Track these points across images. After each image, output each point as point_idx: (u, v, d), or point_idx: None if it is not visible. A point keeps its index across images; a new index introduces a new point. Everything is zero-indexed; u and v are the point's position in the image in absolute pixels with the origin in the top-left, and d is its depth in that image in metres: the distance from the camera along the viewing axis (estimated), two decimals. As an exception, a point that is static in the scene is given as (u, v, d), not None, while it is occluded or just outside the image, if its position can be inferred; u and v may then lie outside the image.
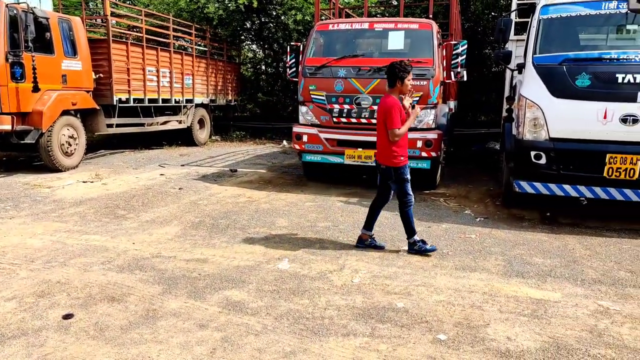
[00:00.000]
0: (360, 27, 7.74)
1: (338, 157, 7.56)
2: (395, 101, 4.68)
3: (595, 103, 5.44)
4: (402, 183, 4.83)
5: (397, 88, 4.70)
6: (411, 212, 4.87)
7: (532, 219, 6.24)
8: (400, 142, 4.74)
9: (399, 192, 4.87)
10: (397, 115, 4.62)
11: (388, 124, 4.64)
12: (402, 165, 4.77)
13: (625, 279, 4.30)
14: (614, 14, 5.64)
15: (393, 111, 4.61)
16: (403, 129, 4.68)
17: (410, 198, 4.85)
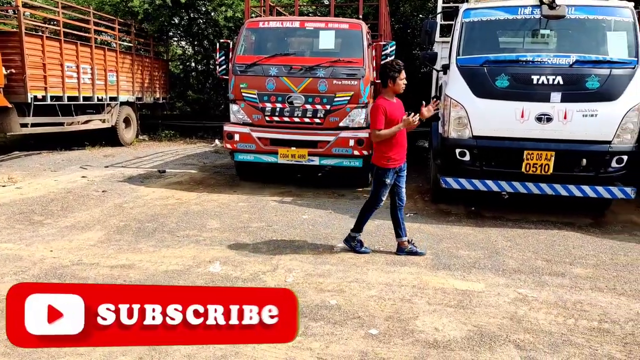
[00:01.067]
0: (291, 26, 7.74)
1: (271, 156, 7.51)
2: (381, 102, 4.62)
3: (514, 103, 5.75)
4: (378, 185, 4.77)
5: (390, 88, 4.65)
6: (370, 215, 4.90)
7: (458, 214, 6.50)
8: (392, 144, 4.63)
9: (372, 191, 4.87)
10: (380, 116, 4.55)
11: (371, 124, 4.68)
12: (383, 167, 4.68)
13: (542, 267, 4.58)
14: (530, 19, 5.98)
15: (374, 112, 4.60)
16: (386, 131, 4.55)
17: (379, 204, 4.82)
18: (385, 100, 4.66)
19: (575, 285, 4.17)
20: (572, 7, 5.82)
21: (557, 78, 5.64)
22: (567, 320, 3.55)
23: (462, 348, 3.13)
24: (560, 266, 4.63)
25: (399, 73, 4.59)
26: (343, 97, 7.17)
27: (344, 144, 7.20)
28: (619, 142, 5.68)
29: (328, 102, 7.20)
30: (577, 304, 3.80)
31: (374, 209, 4.86)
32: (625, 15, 5.84)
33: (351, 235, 4.94)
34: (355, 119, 7.27)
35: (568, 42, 6.05)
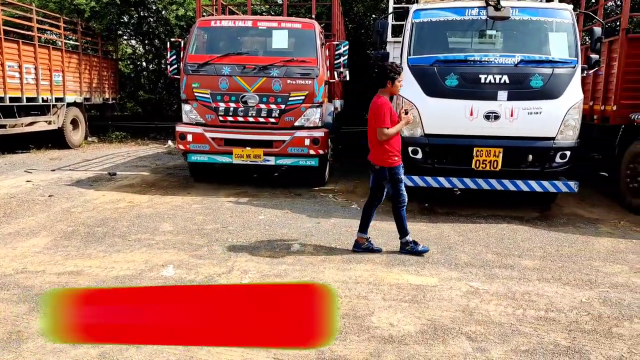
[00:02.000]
0: (243, 25, 7.66)
1: (226, 156, 7.41)
2: (385, 101, 4.71)
3: (463, 101, 5.92)
4: (396, 183, 4.80)
5: (388, 89, 4.73)
6: (404, 212, 4.87)
7: (412, 210, 6.61)
8: (393, 142, 4.73)
9: (393, 193, 4.85)
10: (387, 115, 4.63)
11: (377, 122, 4.66)
12: (396, 165, 4.75)
13: (492, 260, 4.73)
14: (477, 20, 6.16)
15: (382, 110, 4.63)
16: (393, 129, 4.66)
17: (404, 198, 4.84)
18: (385, 100, 4.76)
19: (524, 277, 4.32)
20: (516, 9, 6.04)
21: (503, 77, 5.84)
22: (516, 310, 3.67)
23: (417, 342, 3.19)
24: (510, 259, 4.79)
25: (399, 75, 4.70)
26: (298, 97, 7.17)
27: (300, 144, 7.20)
28: (562, 138, 5.94)
29: (282, 101, 7.18)
30: (525, 295, 3.95)
31: (404, 206, 4.87)
32: (565, 17, 6.11)
33: (402, 242, 4.89)
34: (311, 118, 7.28)
35: (513, 43, 6.27)
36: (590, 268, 4.58)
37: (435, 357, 3.03)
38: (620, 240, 5.49)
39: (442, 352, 3.09)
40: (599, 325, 3.48)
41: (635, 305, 3.81)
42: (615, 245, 5.28)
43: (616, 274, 4.46)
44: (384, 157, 4.74)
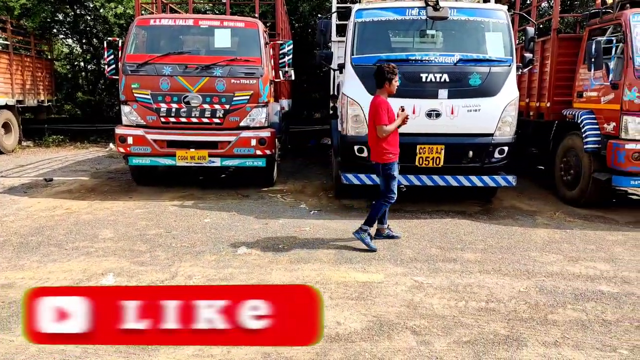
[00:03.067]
0: (184, 24, 7.48)
1: (169, 159, 7.22)
2: (383, 100, 4.92)
3: (405, 100, 5.97)
4: (387, 179, 5.03)
5: (386, 88, 4.94)
6: (386, 208, 5.15)
7: (360, 208, 6.69)
8: (390, 140, 4.95)
9: (383, 188, 5.09)
10: (384, 113, 4.86)
11: (376, 120, 4.88)
12: (390, 161, 4.97)
13: (436, 255, 4.85)
14: (417, 20, 6.27)
15: (380, 109, 4.86)
16: (391, 126, 4.89)
17: (393, 196, 5.05)
18: (383, 99, 4.95)
19: (466, 270, 4.45)
20: (454, 9, 6.20)
21: (443, 76, 5.99)
22: (458, 303, 3.78)
23: (363, 339, 3.21)
24: (453, 252, 4.92)
25: (395, 76, 4.90)
26: (242, 97, 7.07)
27: (246, 144, 7.10)
28: (500, 134, 6.16)
29: (227, 101, 7.06)
30: (467, 287, 4.06)
31: (390, 202, 5.10)
32: (500, 17, 6.33)
33: (362, 227, 5.08)
34: (256, 118, 7.20)
35: (452, 42, 6.44)
36: (528, 258, 4.77)
37: (380, 353, 3.07)
38: (555, 230, 5.76)
39: (387, 347, 3.13)
40: (536, 313, 3.63)
41: (568, 292, 4.00)
42: (551, 236, 5.53)
43: (551, 263, 4.67)
44: (380, 154, 4.98)
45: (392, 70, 4.90)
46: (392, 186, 5.05)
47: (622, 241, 5.36)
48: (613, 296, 3.94)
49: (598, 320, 3.54)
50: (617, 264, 4.66)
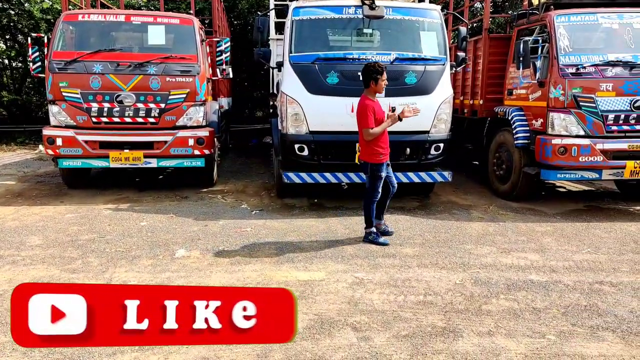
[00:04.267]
0: (115, 20, 7.17)
1: (102, 160, 6.92)
2: (369, 102, 4.89)
3: (344, 98, 6.05)
4: (373, 179, 5.03)
5: (372, 88, 4.92)
6: (374, 206, 5.12)
7: (302, 207, 6.68)
8: (379, 141, 4.92)
9: (369, 186, 5.09)
10: (370, 115, 4.82)
11: (361, 124, 4.89)
12: (377, 162, 4.97)
13: (376, 250, 4.91)
14: (354, 19, 6.34)
15: (364, 112, 4.83)
16: (377, 129, 4.85)
17: (377, 195, 5.07)
18: (369, 100, 4.92)
19: (405, 264, 4.54)
20: (389, 9, 6.30)
21: None
22: (397, 297, 3.84)
23: (304, 338, 3.20)
24: (392, 248, 5.00)
25: (381, 75, 4.87)
26: (178, 95, 6.88)
27: (183, 144, 6.92)
28: (436, 131, 6.32)
29: (162, 100, 6.85)
30: (406, 282, 4.14)
31: (375, 201, 5.11)
32: (434, 17, 6.50)
33: (366, 232, 5.17)
34: (194, 117, 7.03)
35: (389, 41, 6.55)
36: (463, 251, 4.93)
37: (321, 351, 3.06)
38: (489, 223, 5.99)
39: (328, 345, 3.13)
40: (471, 304, 3.75)
41: (501, 282, 4.17)
42: (485, 229, 5.74)
43: (485, 255, 4.85)
44: (369, 154, 4.99)
45: (377, 69, 4.87)
46: (377, 186, 5.06)
47: (551, 232, 5.64)
48: (542, 285, 4.13)
49: (528, 308, 3.70)
50: (546, 254, 4.90)
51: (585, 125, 6.18)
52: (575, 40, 6.39)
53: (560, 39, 6.33)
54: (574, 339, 3.26)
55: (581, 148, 6.11)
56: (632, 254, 4.94)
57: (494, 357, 3.03)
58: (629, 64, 6.18)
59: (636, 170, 6.15)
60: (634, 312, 3.66)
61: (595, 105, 6.13)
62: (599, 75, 6.15)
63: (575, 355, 3.08)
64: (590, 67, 6.18)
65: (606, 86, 6.11)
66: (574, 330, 3.38)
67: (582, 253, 4.94)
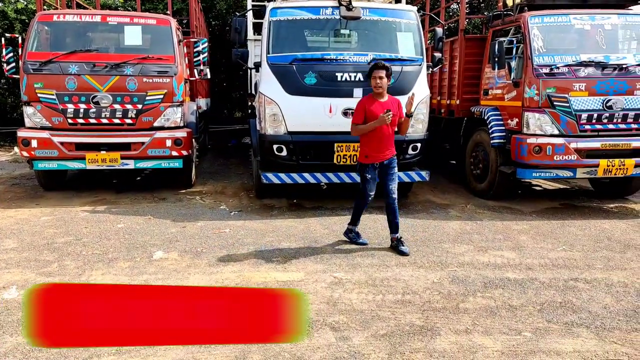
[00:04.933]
0: (91, 20, 7.06)
1: (79, 162, 6.82)
2: (363, 99, 4.92)
3: (322, 99, 6.07)
4: (361, 180, 5.01)
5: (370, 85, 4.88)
6: (362, 206, 5.12)
7: (281, 207, 6.67)
8: (367, 141, 4.85)
9: (360, 186, 5.07)
10: (358, 111, 4.83)
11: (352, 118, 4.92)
12: (362, 162, 4.93)
13: (355, 250, 4.94)
14: (331, 19, 6.35)
15: (357, 107, 4.89)
16: (362, 126, 4.78)
17: (367, 196, 5.01)
18: (368, 97, 4.89)
19: (383, 264, 4.57)
20: (366, 9, 6.33)
21: (358, 75, 6.10)
22: (376, 297, 3.86)
23: (282, 339, 3.20)
24: (371, 247, 5.03)
25: (372, 72, 4.78)
26: (156, 96, 6.82)
27: (161, 145, 6.86)
28: (413, 131, 6.36)
29: (139, 101, 6.77)
30: (384, 281, 4.17)
31: (365, 202, 5.08)
32: (411, 18, 6.55)
33: (348, 227, 5.19)
34: (171, 118, 6.97)
35: (366, 42, 6.58)
36: (441, 250, 4.98)
37: (300, 352, 3.07)
38: (467, 222, 6.06)
39: (307, 345, 3.14)
40: (448, 303, 3.79)
41: (478, 281, 4.22)
42: (462, 227, 5.81)
43: (463, 253, 4.90)
44: (359, 152, 5.02)
45: (373, 66, 4.81)
46: (365, 187, 4.97)
47: (527, 230, 5.74)
48: (518, 282, 4.20)
49: (505, 306, 3.76)
50: (522, 252, 4.98)
51: (559, 125, 6.31)
52: (548, 41, 6.52)
53: (534, 40, 6.44)
54: (549, 336, 3.32)
55: (556, 147, 6.23)
56: (605, 250, 5.05)
57: (471, 355, 3.08)
58: (601, 64, 6.32)
59: (609, 169, 6.29)
60: (608, 308, 3.74)
61: (569, 104, 6.26)
62: (572, 75, 6.28)
63: (550, 351, 3.14)
64: (564, 67, 6.31)
65: (579, 86, 6.24)
66: (549, 326, 3.45)
67: (558, 250, 5.04)
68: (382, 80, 4.73)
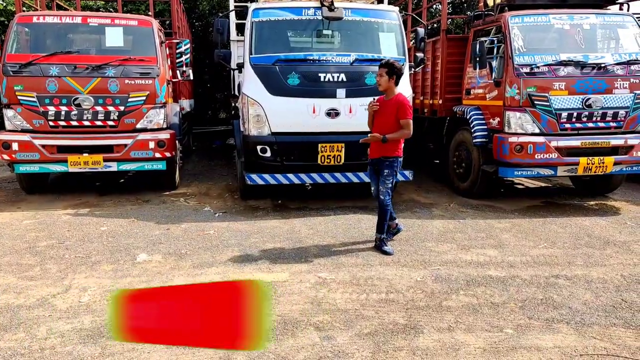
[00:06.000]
0: (71, 22, 6.99)
1: (61, 165, 6.74)
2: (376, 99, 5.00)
3: (306, 99, 6.09)
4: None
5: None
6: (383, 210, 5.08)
7: (266, 208, 6.67)
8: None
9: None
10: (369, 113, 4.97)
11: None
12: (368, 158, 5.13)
13: (340, 250, 4.96)
14: (313, 20, 6.37)
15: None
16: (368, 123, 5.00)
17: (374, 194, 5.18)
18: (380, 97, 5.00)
19: (367, 263, 4.60)
20: (348, 10, 6.36)
21: (340, 75, 6.12)
22: (359, 296, 3.89)
23: (267, 339, 3.20)
24: (355, 247, 5.06)
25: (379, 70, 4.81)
26: (138, 97, 6.77)
27: (144, 147, 6.81)
28: None
29: (121, 102, 6.72)
30: (368, 280, 4.20)
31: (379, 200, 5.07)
32: (392, 18, 6.60)
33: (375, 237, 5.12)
34: (154, 120, 6.92)
35: (349, 42, 6.61)
36: (424, 249, 5.03)
37: (284, 352, 3.08)
38: (450, 221, 6.12)
39: (291, 346, 3.15)
40: (431, 301, 3.83)
41: (461, 279, 4.27)
42: (445, 226, 5.86)
43: (446, 252, 4.95)
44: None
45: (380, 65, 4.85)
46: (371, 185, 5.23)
47: (509, 228, 5.81)
48: (500, 280, 4.25)
49: (487, 303, 3.81)
50: (504, 250, 5.04)
51: (540, 124, 6.40)
52: (529, 40, 6.60)
53: (515, 40, 6.53)
54: (531, 332, 3.37)
55: (537, 146, 6.31)
56: (586, 247, 5.14)
57: (454, 352, 3.11)
58: (580, 63, 6.42)
59: (589, 167, 6.39)
60: (587, 304, 3.81)
61: (549, 103, 6.35)
62: (552, 74, 6.37)
63: (531, 347, 3.19)
64: (544, 66, 6.39)
65: (559, 85, 6.33)
66: (530, 323, 3.50)
67: (539, 248, 5.11)
68: (381, 78, 4.80)
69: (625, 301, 3.87)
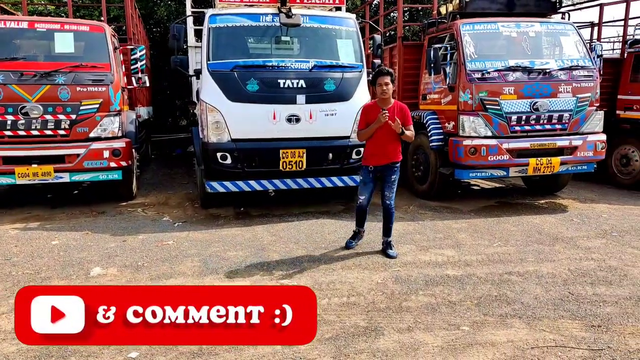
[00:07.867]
0: (17, 27, 6.72)
1: (7, 177, 6.45)
2: (366, 105, 5.03)
3: (265, 106, 6.07)
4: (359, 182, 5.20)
5: (374, 91, 4.95)
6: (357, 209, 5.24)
7: (227, 216, 6.59)
8: (368, 144, 4.96)
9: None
10: (362, 118, 4.93)
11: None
12: (362, 164, 5.11)
13: (302, 255, 4.95)
14: (271, 26, 6.37)
15: (360, 114, 5.01)
16: (363, 130, 4.87)
17: (359, 199, 5.13)
18: (370, 103, 5.00)
19: (329, 267, 4.61)
20: (306, 17, 6.40)
21: (300, 82, 6.14)
22: (321, 301, 3.89)
23: (227, 350, 3.16)
24: (318, 252, 5.07)
25: (377, 78, 4.76)
26: (91, 105, 6.57)
27: (97, 156, 6.60)
28: (356, 136, 6.48)
29: (73, 111, 6.51)
30: (330, 284, 4.21)
31: (358, 205, 5.18)
32: (350, 25, 6.68)
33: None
34: (108, 128, 6.73)
35: (307, 49, 6.63)
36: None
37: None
38: (409, 223, 6.22)
39: (252, 354, 3.12)
40: (392, 302, 3.88)
41: (420, 279, 4.34)
42: (405, 228, 5.96)
43: (406, 253, 5.03)
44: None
45: (377, 72, 4.82)
46: (359, 192, 5.15)
47: (465, 228, 5.96)
48: (457, 279, 4.36)
49: (445, 302, 3.89)
50: (461, 249, 5.17)
51: (492, 127, 6.60)
52: (480, 47, 6.82)
53: (467, 47, 6.72)
54: (486, 328, 3.47)
55: (489, 148, 6.52)
56: (536, 244, 5.33)
57: (413, 352, 3.16)
58: (527, 69, 6.68)
59: (538, 167, 6.64)
60: (538, 298, 3.96)
61: (500, 107, 6.57)
62: (502, 79, 6.60)
63: (486, 343, 3.27)
64: (494, 72, 6.62)
65: (509, 90, 6.56)
66: (485, 319, 3.60)
67: (494, 246, 5.27)
68: (387, 86, 4.70)
69: (572, 294, 4.04)
